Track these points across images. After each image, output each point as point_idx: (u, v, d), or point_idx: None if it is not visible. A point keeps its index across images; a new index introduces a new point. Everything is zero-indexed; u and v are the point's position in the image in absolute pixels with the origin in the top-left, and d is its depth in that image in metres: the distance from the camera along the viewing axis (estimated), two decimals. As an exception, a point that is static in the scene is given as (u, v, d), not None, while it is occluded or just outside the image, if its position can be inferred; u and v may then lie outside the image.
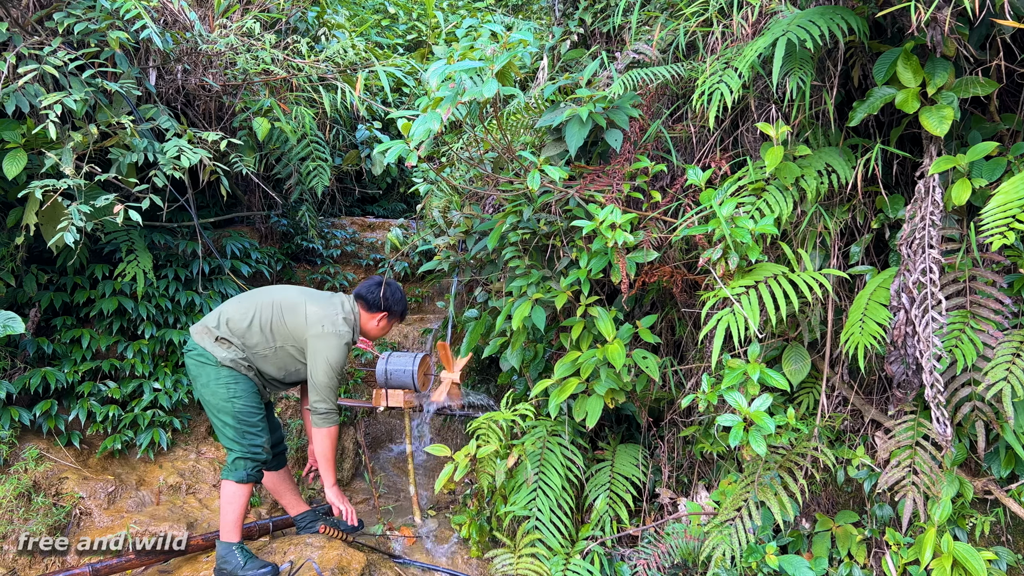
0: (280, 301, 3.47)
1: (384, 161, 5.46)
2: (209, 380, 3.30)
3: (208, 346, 3.30)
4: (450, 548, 3.97)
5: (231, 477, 3.31)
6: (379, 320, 3.67)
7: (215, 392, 3.29)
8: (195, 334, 3.36)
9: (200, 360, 3.31)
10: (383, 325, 3.70)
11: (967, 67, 2.74)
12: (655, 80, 3.26)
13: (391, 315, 3.71)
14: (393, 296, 3.67)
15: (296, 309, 3.44)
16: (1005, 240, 2.22)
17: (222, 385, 3.29)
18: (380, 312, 3.65)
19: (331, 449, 3.49)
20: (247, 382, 3.37)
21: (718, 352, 2.71)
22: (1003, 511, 2.85)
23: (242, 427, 3.31)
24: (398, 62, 6.33)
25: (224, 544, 3.31)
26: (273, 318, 3.41)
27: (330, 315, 3.43)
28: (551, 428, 3.61)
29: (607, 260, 3.15)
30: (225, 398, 3.29)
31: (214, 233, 5.12)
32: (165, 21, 4.08)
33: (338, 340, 3.39)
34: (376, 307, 3.63)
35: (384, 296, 3.63)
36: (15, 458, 3.90)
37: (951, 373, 2.72)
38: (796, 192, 2.91)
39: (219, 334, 3.32)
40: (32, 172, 3.59)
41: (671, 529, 3.18)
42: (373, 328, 3.68)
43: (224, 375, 3.30)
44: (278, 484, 3.79)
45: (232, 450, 3.33)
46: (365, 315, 3.64)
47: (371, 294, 3.62)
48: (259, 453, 3.35)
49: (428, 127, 2.82)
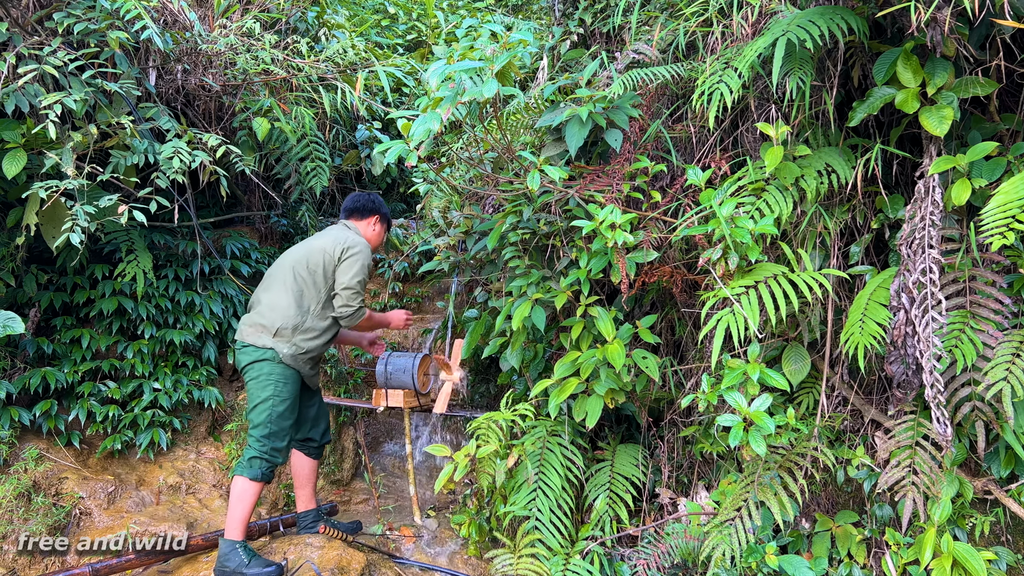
0: (291, 258, 3.61)
1: (384, 161, 5.46)
2: (260, 374, 3.41)
3: (267, 343, 3.42)
4: (450, 548, 3.97)
5: (244, 473, 3.33)
6: (373, 225, 3.89)
7: (264, 387, 3.40)
8: (246, 336, 3.47)
9: (258, 356, 3.43)
10: (378, 230, 3.92)
11: (967, 67, 2.74)
12: (655, 80, 3.26)
13: (382, 217, 3.92)
14: (377, 198, 3.93)
15: (318, 249, 3.57)
16: (1005, 240, 2.22)
17: (271, 383, 3.40)
18: (372, 215, 3.87)
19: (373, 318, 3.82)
20: (295, 383, 3.48)
21: (718, 352, 2.71)
22: (1003, 511, 2.85)
23: (270, 428, 3.38)
24: (398, 62, 6.32)
25: (227, 542, 3.31)
26: (304, 268, 3.54)
27: (344, 236, 3.63)
28: (551, 428, 3.61)
29: (607, 260, 3.15)
30: (270, 395, 3.38)
31: (214, 233, 5.12)
32: (165, 21, 4.08)
33: (363, 247, 3.61)
34: (367, 211, 3.86)
35: (370, 199, 3.89)
36: (15, 458, 3.90)
37: (951, 373, 2.72)
38: (796, 192, 2.91)
39: (277, 326, 3.44)
40: (32, 172, 3.59)
41: (671, 529, 3.18)
42: (371, 235, 3.88)
43: (277, 373, 3.41)
44: (308, 474, 3.83)
45: (251, 447, 3.37)
46: (361, 225, 3.86)
47: (358, 203, 3.87)
48: (275, 456, 3.40)
49: (428, 127, 2.82)
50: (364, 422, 5.08)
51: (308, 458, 3.81)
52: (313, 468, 3.85)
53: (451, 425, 5.12)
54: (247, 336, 3.47)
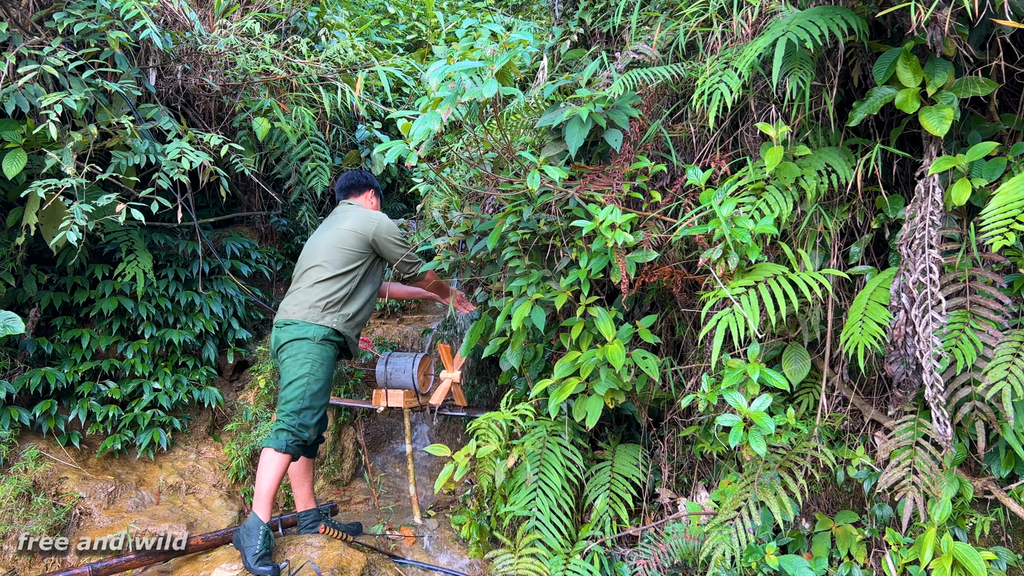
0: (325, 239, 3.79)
1: (384, 161, 5.46)
2: (299, 352, 3.51)
3: (316, 318, 3.58)
4: (450, 548, 3.97)
5: (271, 444, 3.40)
6: (371, 198, 4.14)
7: (302, 365, 3.50)
8: (295, 313, 3.62)
9: (299, 334, 3.54)
10: (375, 203, 4.16)
11: (967, 67, 2.74)
12: (655, 80, 3.26)
13: (376, 191, 4.18)
14: (368, 174, 4.17)
15: (344, 238, 3.76)
16: (1005, 241, 2.22)
17: (308, 361, 3.51)
18: (368, 190, 4.13)
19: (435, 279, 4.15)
20: (332, 362, 3.62)
21: (718, 352, 2.70)
22: (1003, 511, 2.85)
23: (302, 404, 3.46)
24: (398, 62, 6.32)
25: (255, 518, 3.35)
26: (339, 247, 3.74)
27: (363, 215, 3.85)
28: (551, 428, 3.61)
29: (607, 260, 3.15)
30: (306, 373, 3.49)
31: (214, 233, 5.12)
32: (165, 21, 4.08)
33: (383, 216, 3.86)
34: (363, 186, 4.11)
35: (362, 175, 4.13)
36: (15, 458, 3.90)
37: (951, 373, 2.72)
38: (796, 192, 2.91)
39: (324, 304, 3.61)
40: (32, 172, 3.59)
41: (671, 529, 3.18)
42: (375, 207, 4.15)
43: (316, 352, 3.53)
44: (304, 472, 3.84)
45: (280, 420, 3.45)
46: (360, 200, 4.10)
47: (352, 180, 4.10)
48: (303, 432, 3.46)
49: (428, 127, 2.82)
50: (364, 422, 5.08)
51: (302, 456, 3.81)
52: (307, 466, 3.85)
53: (451, 425, 5.12)
54: (292, 313, 3.60)
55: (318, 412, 3.54)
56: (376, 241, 3.80)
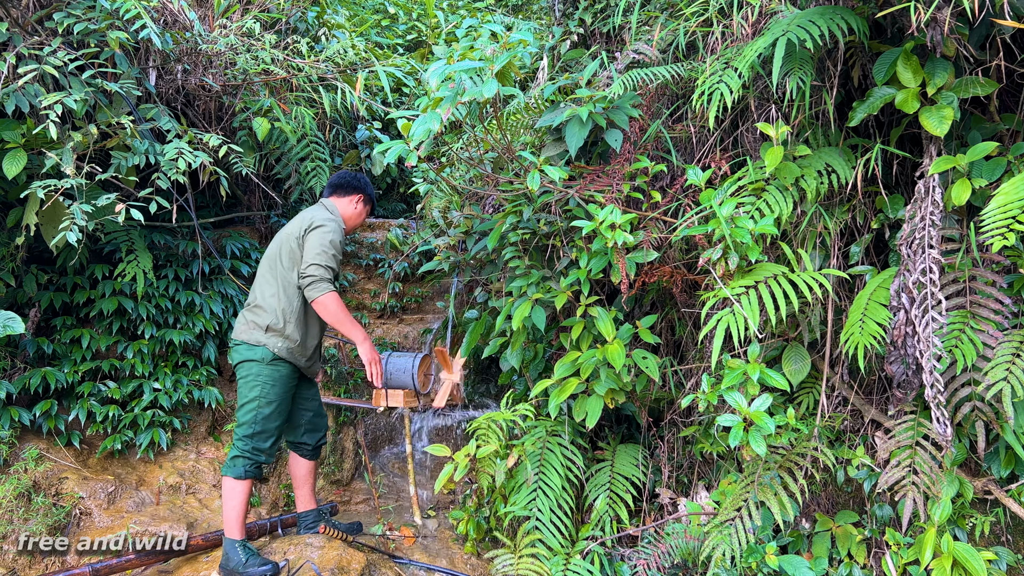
0: (271, 250, 3.57)
1: (384, 161, 5.46)
2: (249, 374, 3.40)
3: (260, 339, 3.39)
4: (450, 548, 3.97)
5: (229, 473, 3.35)
6: (356, 204, 3.78)
7: (252, 387, 3.38)
8: (240, 335, 3.46)
9: (249, 355, 3.41)
10: (360, 210, 3.81)
11: (967, 67, 2.74)
12: (655, 80, 3.26)
13: (365, 197, 3.82)
14: (363, 178, 3.84)
15: (288, 235, 3.51)
16: (1005, 241, 2.22)
17: (259, 384, 3.38)
18: (355, 195, 3.78)
19: (342, 311, 3.40)
20: (285, 382, 3.45)
21: (718, 352, 2.70)
22: (1003, 511, 2.85)
23: (253, 429, 3.36)
24: (398, 62, 6.32)
25: (228, 541, 3.34)
26: (278, 259, 3.49)
27: (312, 214, 3.53)
28: (551, 428, 3.61)
29: (607, 260, 3.15)
30: (256, 396, 3.37)
31: (214, 233, 5.12)
32: (165, 21, 4.08)
33: (331, 223, 3.48)
34: (351, 188, 3.77)
35: (355, 177, 3.80)
36: (15, 458, 3.90)
37: (951, 373, 2.72)
38: (796, 192, 2.91)
39: (270, 324, 3.40)
40: (32, 172, 3.59)
41: (671, 529, 3.18)
42: (352, 214, 3.78)
43: (266, 374, 3.39)
44: (304, 475, 3.82)
45: (235, 445, 3.38)
46: (342, 202, 3.76)
47: (342, 179, 3.79)
48: (258, 455, 3.39)
49: (428, 127, 2.82)
50: (364, 422, 5.08)
51: (303, 459, 3.80)
52: (310, 469, 3.84)
53: (451, 426, 5.12)
54: (240, 333, 3.48)
55: (272, 435, 3.41)
56: (303, 239, 3.43)
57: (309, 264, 3.35)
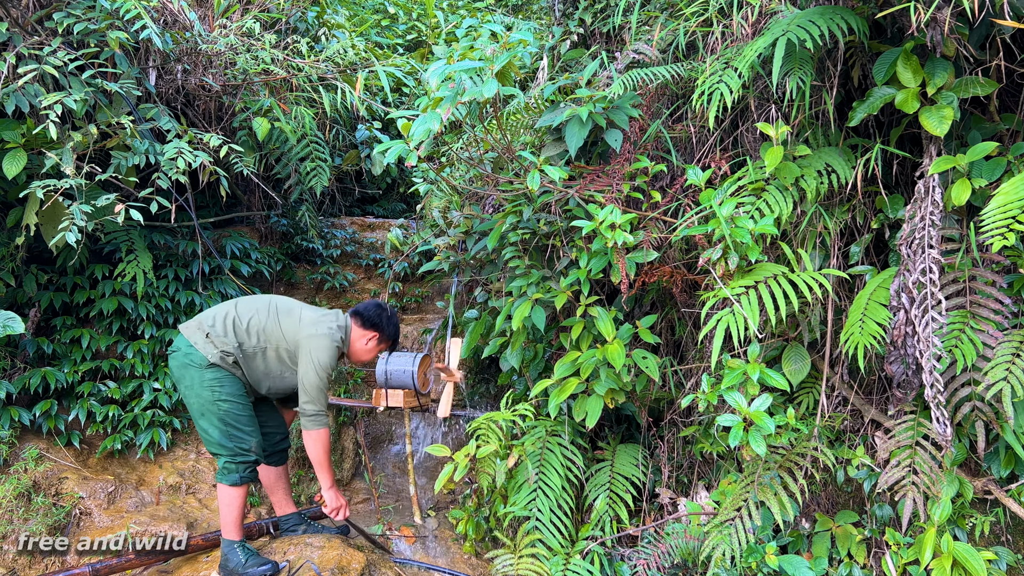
0: (277, 304, 3.49)
1: (384, 161, 5.46)
2: (193, 383, 3.24)
3: (198, 342, 3.26)
4: (450, 548, 3.97)
5: (225, 481, 3.29)
6: (369, 340, 3.61)
7: (200, 395, 3.24)
8: (184, 328, 3.33)
9: (185, 361, 3.26)
10: (371, 347, 3.64)
11: (967, 67, 2.74)
12: (655, 80, 3.26)
13: (382, 337, 3.65)
14: (389, 319, 3.66)
15: (292, 312, 3.45)
16: (1005, 241, 2.22)
17: (207, 387, 3.23)
18: (372, 332, 3.60)
19: (324, 452, 3.43)
20: (234, 382, 3.32)
21: (718, 352, 2.71)
22: (1003, 511, 2.85)
23: (228, 429, 3.27)
24: (398, 62, 6.32)
25: (226, 542, 3.33)
26: (268, 320, 3.41)
27: (324, 319, 3.43)
28: (551, 428, 3.61)
29: (607, 260, 3.15)
30: (210, 400, 3.23)
31: (214, 233, 5.12)
32: (165, 21, 4.08)
33: (329, 342, 3.36)
34: (370, 324, 3.59)
35: (381, 316, 3.62)
36: (15, 458, 3.90)
37: (951, 373, 2.72)
38: (796, 192, 2.91)
39: (210, 331, 3.29)
40: (32, 172, 3.59)
41: (671, 529, 3.18)
42: (362, 348, 3.62)
43: (209, 377, 3.24)
44: (274, 481, 3.78)
45: (220, 455, 3.29)
46: (357, 331, 3.59)
47: (367, 311, 3.62)
48: (248, 454, 3.32)
49: (428, 127, 2.82)
50: (364, 422, 5.08)
51: (271, 467, 3.72)
52: (279, 474, 3.77)
53: (452, 424, 5.12)
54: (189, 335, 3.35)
55: (246, 429, 3.33)
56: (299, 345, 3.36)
57: (310, 397, 3.33)
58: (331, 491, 3.52)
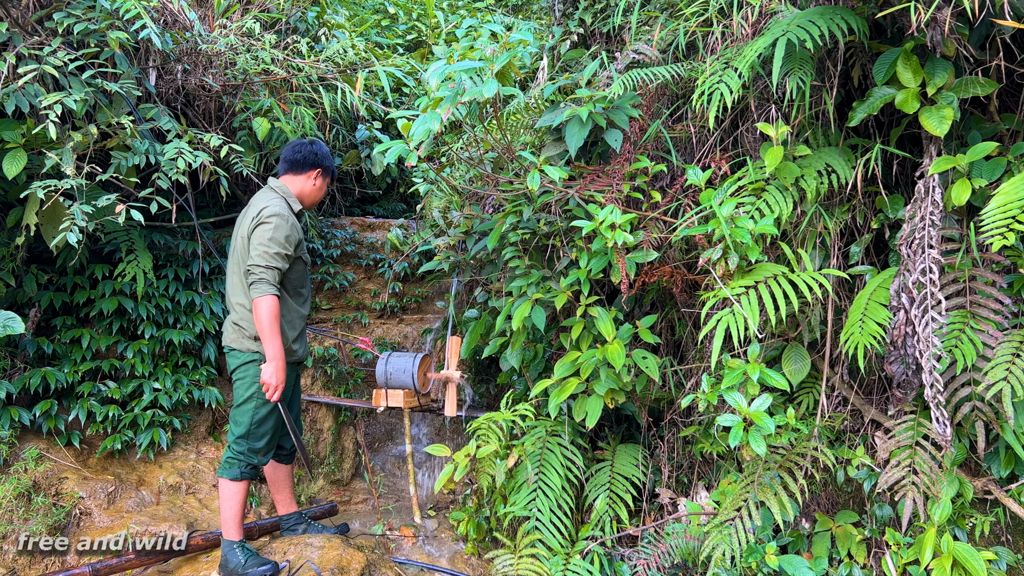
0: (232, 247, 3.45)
1: (384, 161, 5.46)
2: (247, 375, 3.36)
3: (248, 347, 3.35)
4: (450, 548, 3.97)
5: (225, 475, 3.35)
6: (313, 179, 3.54)
7: (248, 387, 3.35)
8: (229, 340, 3.42)
9: (243, 361, 3.38)
10: (318, 184, 3.57)
11: (967, 67, 2.74)
12: (655, 80, 3.26)
13: (323, 171, 3.57)
14: (320, 149, 3.57)
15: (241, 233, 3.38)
16: (1005, 241, 2.22)
17: (256, 384, 3.33)
18: (312, 169, 3.53)
19: (270, 318, 3.20)
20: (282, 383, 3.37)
21: (718, 352, 2.71)
22: (1003, 511, 2.85)
23: (248, 429, 3.35)
24: (398, 62, 6.32)
25: (226, 542, 3.34)
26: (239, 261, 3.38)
27: (259, 206, 3.33)
28: (551, 428, 3.61)
29: (607, 260, 3.15)
30: (251, 396, 3.34)
31: (214, 233, 5.12)
32: (165, 21, 4.08)
33: (275, 219, 3.26)
34: (307, 165, 3.52)
35: (311, 151, 3.53)
36: (15, 458, 3.90)
37: (951, 373, 2.72)
38: (796, 192, 2.91)
39: (253, 332, 3.34)
40: (32, 172, 3.59)
41: (671, 529, 3.18)
42: (309, 190, 3.55)
43: (251, 374, 3.34)
44: (281, 479, 3.81)
45: (231, 446, 3.37)
46: (297, 180, 3.52)
47: (296, 154, 3.52)
48: (252, 457, 3.37)
49: (428, 127, 2.82)
50: (364, 422, 5.08)
51: (280, 464, 3.79)
52: (286, 473, 3.82)
53: (453, 425, 5.12)
54: (231, 341, 3.41)
55: (267, 435, 3.39)
56: (249, 238, 3.30)
57: (250, 264, 3.23)
58: (275, 363, 3.23)
